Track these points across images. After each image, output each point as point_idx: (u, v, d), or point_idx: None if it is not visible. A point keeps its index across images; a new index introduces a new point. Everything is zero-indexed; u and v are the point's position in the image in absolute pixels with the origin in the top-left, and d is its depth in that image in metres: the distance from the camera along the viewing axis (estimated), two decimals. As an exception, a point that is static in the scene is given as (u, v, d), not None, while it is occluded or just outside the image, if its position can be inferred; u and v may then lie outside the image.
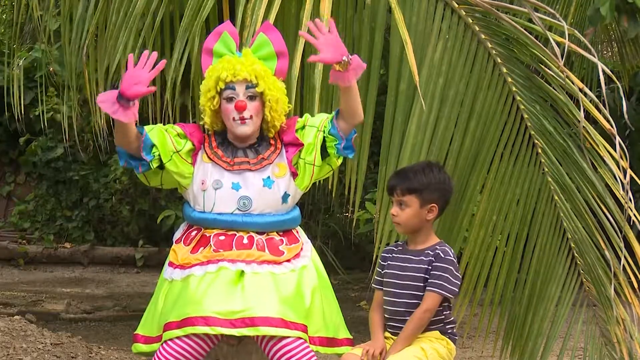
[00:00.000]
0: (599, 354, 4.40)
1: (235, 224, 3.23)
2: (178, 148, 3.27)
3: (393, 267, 3.37)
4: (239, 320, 3.05)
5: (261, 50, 3.33)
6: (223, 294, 3.10)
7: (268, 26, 3.40)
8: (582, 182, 4.23)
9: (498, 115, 4.27)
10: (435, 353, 3.25)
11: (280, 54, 3.35)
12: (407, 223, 3.32)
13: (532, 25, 4.14)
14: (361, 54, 4.15)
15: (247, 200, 3.24)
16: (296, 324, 3.10)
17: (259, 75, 3.26)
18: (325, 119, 3.32)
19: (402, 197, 3.30)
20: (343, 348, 3.29)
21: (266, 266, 3.16)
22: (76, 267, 10.64)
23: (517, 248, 4.40)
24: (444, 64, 4.16)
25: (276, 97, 3.28)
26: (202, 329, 3.06)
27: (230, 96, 3.25)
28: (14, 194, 11.75)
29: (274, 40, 3.34)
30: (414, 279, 3.30)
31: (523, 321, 4.43)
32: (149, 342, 3.23)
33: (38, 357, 5.34)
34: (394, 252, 3.41)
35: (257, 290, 3.11)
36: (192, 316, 3.06)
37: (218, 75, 3.25)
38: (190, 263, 3.19)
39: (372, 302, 3.42)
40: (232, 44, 3.33)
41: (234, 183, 3.25)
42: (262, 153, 3.30)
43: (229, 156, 3.29)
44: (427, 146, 4.16)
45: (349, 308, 8.04)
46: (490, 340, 5.37)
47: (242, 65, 3.25)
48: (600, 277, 4.25)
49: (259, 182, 3.26)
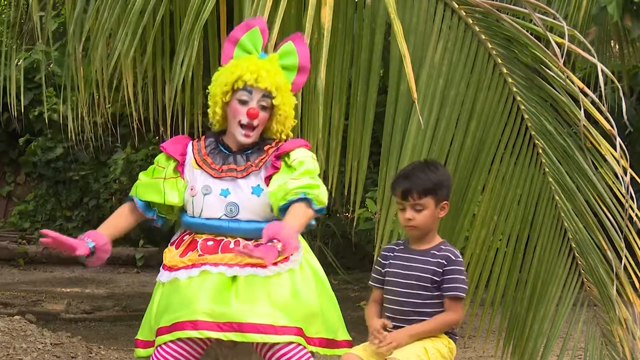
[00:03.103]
0: (599, 354, 4.39)
1: (222, 229, 3.23)
2: (163, 175, 3.32)
3: (396, 267, 3.35)
4: (227, 324, 3.05)
5: (286, 59, 3.32)
6: (214, 296, 3.09)
7: (298, 37, 3.39)
8: (582, 182, 4.23)
9: (499, 115, 4.27)
10: (437, 353, 3.24)
11: (302, 69, 3.34)
12: (424, 225, 3.30)
13: (532, 25, 4.13)
14: (361, 54, 4.15)
15: (233, 207, 3.23)
16: (288, 328, 3.08)
17: (279, 88, 3.24)
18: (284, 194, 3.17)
19: (419, 201, 3.27)
20: (343, 349, 3.28)
21: (249, 269, 3.14)
22: (76, 267, 10.66)
23: (518, 248, 4.39)
24: (444, 64, 4.16)
25: (287, 114, 3.29)
26: (190, 333, 3.06)
27: (244, 99, 3.24)
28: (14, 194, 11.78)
29: (300, 53, 3.34)
30: (419, 279, 3.29)
31: (524, 321, 4.43)
32: (147, 346, 3.22)
33: (38, 357, 5.34)
34: (396, 251, 3.39)
35: (249, 294, 3.09)
36: (181, 321, 3.06)
37: (240, 74, 3.22)
38: (176, 266, 3.21)
39: (369, 300, 3.40)
40: (260, 42, 3.30)
41: (222, 189, 3.25)
42: (252, 160, 3.28)
43: (218, 163, 3.29)
44: (428, 146, 4.15)
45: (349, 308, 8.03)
46: (490, 340, 5.37)
47: (266, 73, 3.22)
48: (601, 277, 4.25)
49: (247, 190, 3.25)
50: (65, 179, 11.22)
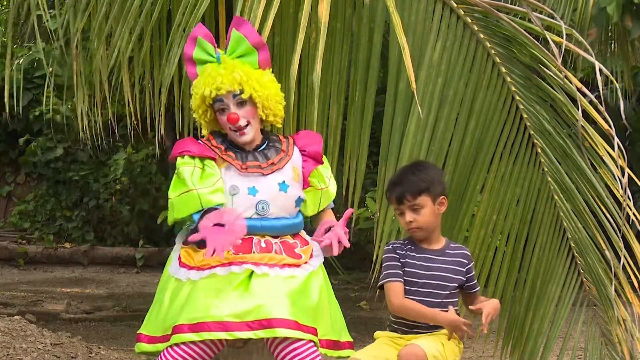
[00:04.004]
0: (599, 354, 4.39)
1: (254, 228, 3.20)
2: (215, 174, 3.24)
3: (415, 267, 3.33)
4: (255, 323, 3.02)
5: (238, 49, 3.27)
6: (234, 297, 3.06)
7: (238, 20, 3.33)
8: (581, 181, 4.23)
9: (497, 115, 4.27)
10: (450, 351, 3.27)
11: (258, 45, 3.29)
12: (426, 224, 3.32)
13: (531, 25, 4.13)
14: (360, 53, 4.15)
15: (265, 205, 3.22)
16: (308, 327, 3.07)
17: (242, 81, 3.22)
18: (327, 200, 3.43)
19: (415, 201, 3.30)
20: (346, 351, 3.26)
21: (288, 269, 3.14)
22: (76, 267, 10.66)
23: (517, 248, 4.39)
24: (443, 63, 4.15)
25: (265, 95, 3.25)
26: (218, 335, 3.02)
27: (222, 108, 3.25)
28: (14, 194, 11.78)
29: (247, 33, 3.28)
30: (443, 279, 3.32)
31: (523, 321, 4.43)
32: (153, 341, 3.17)
33: (38, 357, 5.34)
34: (406, 250, 3.36)
35: (267, 291, 3.07)
36: (207, 321, 3.02)
37: (202, 93, 3.23)
38: (208, 264, 3.13)
39: (397, 293, 3.30)
40: (210, 48, 3.28)
41: (249, 188, 3.22)
42: (272, 158, 3.28)
43: (240, 160, 3.26)
44: (427, 146, 4.14)
45: (349, 308, 8.04)
46: (490, 340, 5.36)
47: (222, 77, 3.21)
48: (600, 277, 4.25)
49: (275, 186, 3.24)
50: (65, 179, 11.22)
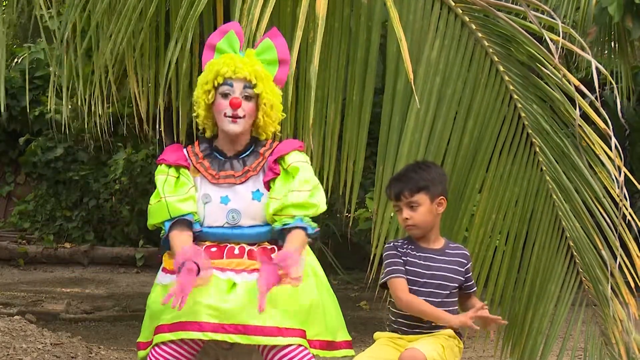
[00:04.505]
0: (599, 353, 4.38)
1: (226, 236, 3.21)
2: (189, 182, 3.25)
3: (416, 265, 3.33)
4: (232, 326, 3.02)
5: (264, 55, 3.30)
6: (217, 295, 3.06)
7: (275, 32, 3.37)
8: (579, 181, 4.22)
9: (495, 114, 4.26)
10: (450, 351, 3.28)
11: (283, 61, 3.32)
12: (422, 222, 3.32)
13: (528, 23, 4.13)
14: (357, 52, 4.14)
15: (235, 214, 3.21)
16: (292, 330, 3.07)
17: (259, 76, 3.23)
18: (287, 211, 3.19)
19: (412, 198, 3.30)
20: (342, 351, 3.26)
21: (257, 274, 3.09)
22: (76, 267, 10.66)
23: (516, 247, 4.38)
24: (440, 62, 4.15)
25: (272, 102, 3.25)
26: (194, 334, 3.04)
27: (227, 92, 3.22)
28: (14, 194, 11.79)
29: (278, 46, 3.32)
30: (444, 279, 3.32)
31: (523, 320, 4.42)
32: (147, 346, 3.20)
33: (38, 357, 5.34)
34: (406, 249, 3.36)
35: (250, 297, 3.05)
36: (184, 320, 3.04)
37: (217, 70, 3.22)
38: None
39: (403, 288, 3.29)
40: (237, 44, 3.30)
41: (222, 197, 3.22)
42: (249, 165, 3.26)
43: (215, 169, 3.25)
44: (425, 145, 4.14)
45: (349, 308, 8.04)
46: (490, 340, 5.35)
47: (243, 64, 3.21)
48: (597, 276, 4.24)
49: (248, 195, 3.23)
50: (65, 179, 11.22)
